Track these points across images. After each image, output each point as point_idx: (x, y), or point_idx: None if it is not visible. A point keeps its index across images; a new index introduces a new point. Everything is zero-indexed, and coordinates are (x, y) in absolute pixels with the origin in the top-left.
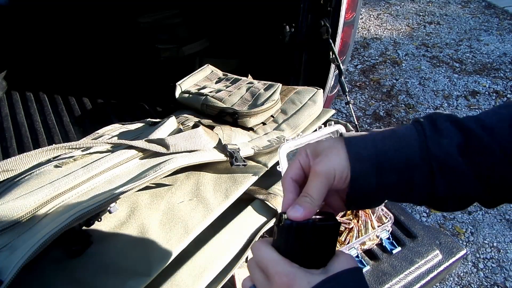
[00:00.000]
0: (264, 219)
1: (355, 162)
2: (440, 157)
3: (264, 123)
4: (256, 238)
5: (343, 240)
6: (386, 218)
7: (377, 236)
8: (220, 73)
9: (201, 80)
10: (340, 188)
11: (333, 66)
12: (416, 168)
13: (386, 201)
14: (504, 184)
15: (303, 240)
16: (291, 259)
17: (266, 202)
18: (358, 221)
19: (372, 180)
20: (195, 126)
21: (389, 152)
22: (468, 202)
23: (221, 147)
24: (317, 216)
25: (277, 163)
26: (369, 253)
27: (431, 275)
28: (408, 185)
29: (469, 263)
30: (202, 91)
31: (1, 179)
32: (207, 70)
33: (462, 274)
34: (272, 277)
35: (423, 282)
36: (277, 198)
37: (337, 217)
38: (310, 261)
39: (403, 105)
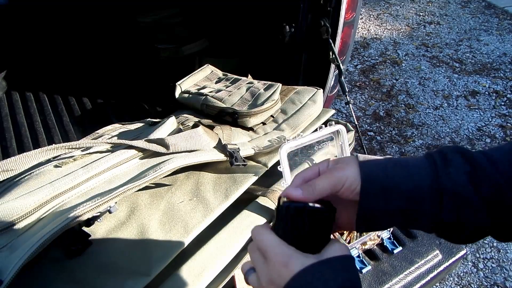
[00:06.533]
0: (264, 219)
1: (365, 182)
2: (448, 185)
3: (264, 123)
4: None
5: (344, 239)
6: None
7: (378, 236)
8: (220, 73)
9: (201, 80)
10: (346, 197)
11: (333, 66)
12: (425, 196)
13: None
14: (510, 213)
15: (299, 223)
16: (289, 242)
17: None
18: None
19: (380, 202)
20: (195, 126)
21: (396, 178)
22: (479, 234)
23: (221, 147)
24: (316, 204)
25: (278, 163)
26: (369, 253)
27: (431, 275)
28: (416, 211)
29: (469, 263)
30: (202, 91)
31: (1, 179)
32: (207, 70)
33: (462, 274)
34: (269, 258)
35: (423, 282)
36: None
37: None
38: (306, 246)
39: (403, 105)
